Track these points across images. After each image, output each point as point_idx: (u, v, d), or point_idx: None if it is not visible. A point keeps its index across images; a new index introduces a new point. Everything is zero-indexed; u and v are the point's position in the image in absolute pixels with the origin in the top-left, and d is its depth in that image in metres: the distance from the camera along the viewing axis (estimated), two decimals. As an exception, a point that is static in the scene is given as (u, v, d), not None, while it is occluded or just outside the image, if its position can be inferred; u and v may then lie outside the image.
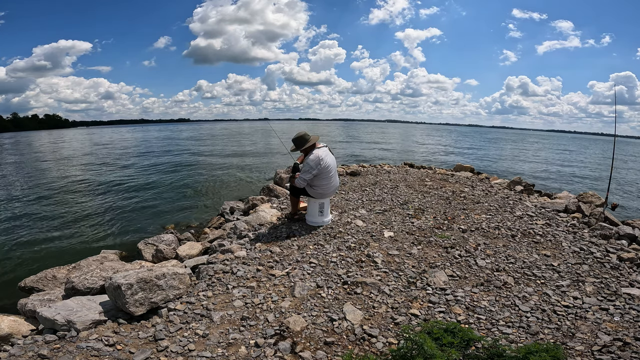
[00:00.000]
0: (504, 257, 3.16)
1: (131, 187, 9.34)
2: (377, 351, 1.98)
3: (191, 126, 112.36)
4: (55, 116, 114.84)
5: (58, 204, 7.55)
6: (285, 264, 3.05)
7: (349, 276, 2.79)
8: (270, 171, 11.35)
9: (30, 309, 2.68)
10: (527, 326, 2.17)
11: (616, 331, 2.10)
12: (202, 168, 13.01)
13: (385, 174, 7.32)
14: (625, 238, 3.74)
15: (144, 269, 2.67)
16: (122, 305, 2.32)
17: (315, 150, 3.74)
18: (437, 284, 2.69)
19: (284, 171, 7.58)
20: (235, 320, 2.27)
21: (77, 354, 1.91)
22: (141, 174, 11.65)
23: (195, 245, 4.02)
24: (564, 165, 17.17)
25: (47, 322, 2.24)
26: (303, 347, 2.01)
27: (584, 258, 3.16)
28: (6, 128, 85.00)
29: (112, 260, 3.67)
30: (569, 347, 1.97)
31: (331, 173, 3.78)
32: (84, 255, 4.39)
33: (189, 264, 3.37)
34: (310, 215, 3.99)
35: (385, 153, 19.10)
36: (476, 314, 2.31)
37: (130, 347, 2.00)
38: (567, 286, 2.66)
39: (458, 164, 9.60)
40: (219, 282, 2.77)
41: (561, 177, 12.62)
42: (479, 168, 11.13)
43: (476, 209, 4.67)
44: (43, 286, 3.29)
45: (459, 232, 3.76)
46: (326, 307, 2.40)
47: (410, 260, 3.09)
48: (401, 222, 4.08)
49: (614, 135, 4.97)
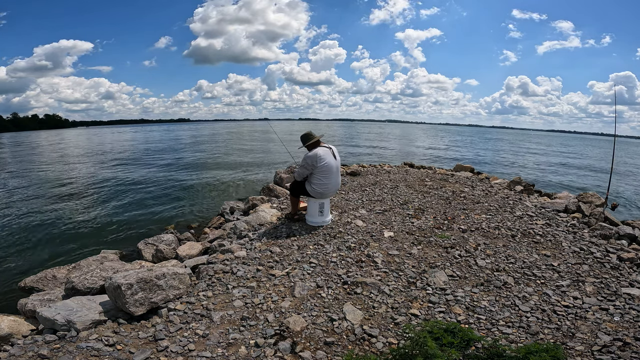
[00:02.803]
0: (504, 257, 3.16)
1: (131, 187, 9.34)
2: (377, 351, 1.98)
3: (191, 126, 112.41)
4: (55, 116, 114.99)
5: (58, 203, 7.55)
6: (285, 264, 3.05)
7: (349, 276, 2.79)
8: (270, 171, 11.35)
9: (30, 309, 2.68)
10: (527, 326, 2.17)
11: (616, 331, 2.10)
12: (202, 168, 13.01)
13: (385, 174, 7.32)
14: (625, 238, 3.74)
15: (144, 269, 2.67)
16: (122, 305, 2.32)
17: (317, 148, 3.81)
18: (437, 284, 2.69)
19: (284, 171, 7.58)
20: (235, 320, 2.27)
21: (77, 354, 1.91)
22: (141, 174, 11.64)
23: (195, 245, 4.02)
24: (564, 165, 17.17)
25: (47, 322, 2.24)
26: (303, 347, 2.01)
27: (584, 258, 3.15)
28: (6, 128, 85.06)
29: (112, 260, 3.67)
30: (569, 347, 1.97)
31: (330, 173, 3.78)
32: (84, 255, 4.41)
33: (189, 264, 3.37)
34: (310, 215, 3.99)
35: (385, 153, 19.10)
36: (476, 314, 2.31)
37: (130, 347, 2.00)
38: (567, 286, 2.66)
39: (458, 164, 9.60)
40: (219, 282, 2.77)
41: (561, 177, 12.62)
42: (479, 168, 11.12)
43: (476, 209, 4.67)
44: (43, 286, 3.29)
45: (459, 232, 3.76)
46: (326, 307, 2.40)
47: (410, 260, 3.09)
48: (401, 222, 4.08)
49: (614, 135, 4.97)
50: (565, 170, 14.79)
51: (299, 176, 3.90)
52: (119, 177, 11.05)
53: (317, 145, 3.88)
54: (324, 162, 3.73)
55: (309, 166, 3.76)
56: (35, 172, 12.69)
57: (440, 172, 8.16)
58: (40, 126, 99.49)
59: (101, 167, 13.63)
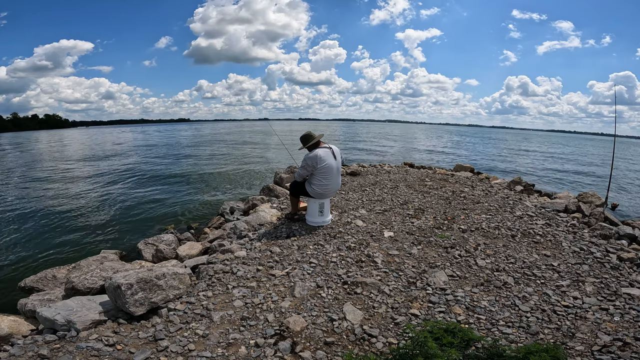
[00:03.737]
0: (504, 257, 3.16)
1: (131, 187, 9.35)
2: (377, 351, 1.98)
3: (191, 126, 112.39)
4: (55, 116, 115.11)
5: (58, 203, 7.55)
6: (285, 264, 3.05)
7: (349, 276, 2.79)
8: (270, 171, 11.35)
9: (30, 309, 2.68)
10: (527, 326, 2.16)
11: (616, 331, 2.10)
12: (202, 168, 13.01)
13: (385, 174, 7.32)
14: (625, 238, 3.74)
15: (144, 269, 2.67)
16: (122, 305, 2.32)
17: (317, 149, 3.80)
18: (437, 284, 2.69)
19: (284, 171, 7.58)
20: (235, 320, 2.27)
21: (77, 354, 1.91)
22: (141, 174, 11.64)
23: (195, 245, 4.02)
24: (564, 165, 17.18)
25: (47, 322, 2.24)
26: (303, 347, 2.01)
27: (584, 258, 3.15)
28: (5, 128, 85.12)
29: (112, 260, 3.67)
30: (569, 347, 1.97)
31: (330, 174, 3.78)
32: (84, 255, 4.40)
33: (189, 264, 3.37)
34: (310, 215, 3.99)
35: (385, 153, 19.10)
36: (476, 314, 2.31)
37: (130, 347, 2.00)
38: (567, 286, 2.66)
39: (458, 164, 9.60)
40: (219, 282, 2.77)
41: (561, 177, 12.63)
42: (479, 168, 11.12)
43: (476, 209, 4.67)
44: (43, 286, 3.29)
45: (459, 232, 3.76)
46: (326, 307, 2.40)
47: (410, 260, 3.09)
48: (401, 222, 4.08)
49: (614, 135, 4.98)
50: (565, 170, 14.79)
51: (299, 177, 3.89)
52: (118, 177, 11.05)
53: (318, 146, 3.86)
54: (324, 163, 3.72)
55: (309, 167, 3.76)
56: (35, 172, 12.69)
57: (440, 172, 8.16)
58: (40, 126, 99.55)
59: (101, 167, 13.63)
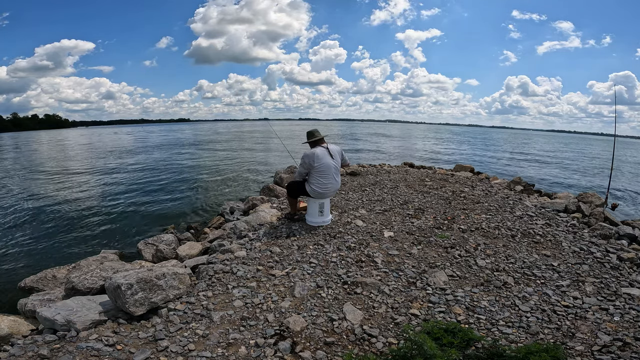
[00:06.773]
0: (504, 257, 3.16)
1: (131, 187, 9.34)
2: (377, 351, 1.98)
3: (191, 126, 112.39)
4: (55, 116, 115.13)
5: (57, 204, 7.55)
6: (285, 264, 3.05)
7: (349, 276, 2.79)
8: (270, 171, 11.35)
9: (30, 309, 2.68)
10: (527, 326, 2.16)
11: (616, 331, 2.10)
12: (202, 168, 13.01)
13: (385, 174, 7.32)
14: (625, 238, 3.74)
15: (144, 269, 2.67)
16: (122, 305, 2.32)
17: (316, 147, 3.84)
18: (437, 284, 2.69)
19: (284, 171, 7.58)
20: (235, 320, 2.27)
21: (77, 354, 1.91)
22: (141, 174, 11.64)
23: (195, 245, 4.02)
24: (564, 165, 17.17)
25: (47, 322, 2.24)
26: (303, 347, 2.01)
27: (584, 258, 3.15)
28: (5, 128, 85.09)
29: (112, 260, 3.67)
30: (569, 347, 1.96)
31: (328, 173, 3.78)
32: (84, 255, 4.40)
33: (189, 264, 3.37)
34: (310, 215, 3.99)
35: (385, 153, 19.10)
36: (476, 314, 2.31)
37: (130, 347, 2.00)
38: (567, 286, 2.66)
39: (458, 164, 9.60)
40: (219, 282, 2.77)
41: (561, 177, 12.62)
42: (479, 168, 11.12)
43: (476, 209, 4.67)
44: (43, 286, 3.29)
45: (459, 232, 3.76)
46: (326, 307, 2.40)
47: (410, 260, 3.09)
48: (401, 222, 4.08)
49: (614, 135, 4.98)
50: (565, 170, 14.79)
51: (299, 175, 3.93)
52: (118, 177, 11.05)
53: (319, 145, 3.90)
54: (320, 162, 3.74)
55: (306, 165, 3.80)
56: (35, 172, 12.68)
57: (440, 172, 8.16)
58: (39, 126, 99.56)
59: (100, 167, 13.62)
